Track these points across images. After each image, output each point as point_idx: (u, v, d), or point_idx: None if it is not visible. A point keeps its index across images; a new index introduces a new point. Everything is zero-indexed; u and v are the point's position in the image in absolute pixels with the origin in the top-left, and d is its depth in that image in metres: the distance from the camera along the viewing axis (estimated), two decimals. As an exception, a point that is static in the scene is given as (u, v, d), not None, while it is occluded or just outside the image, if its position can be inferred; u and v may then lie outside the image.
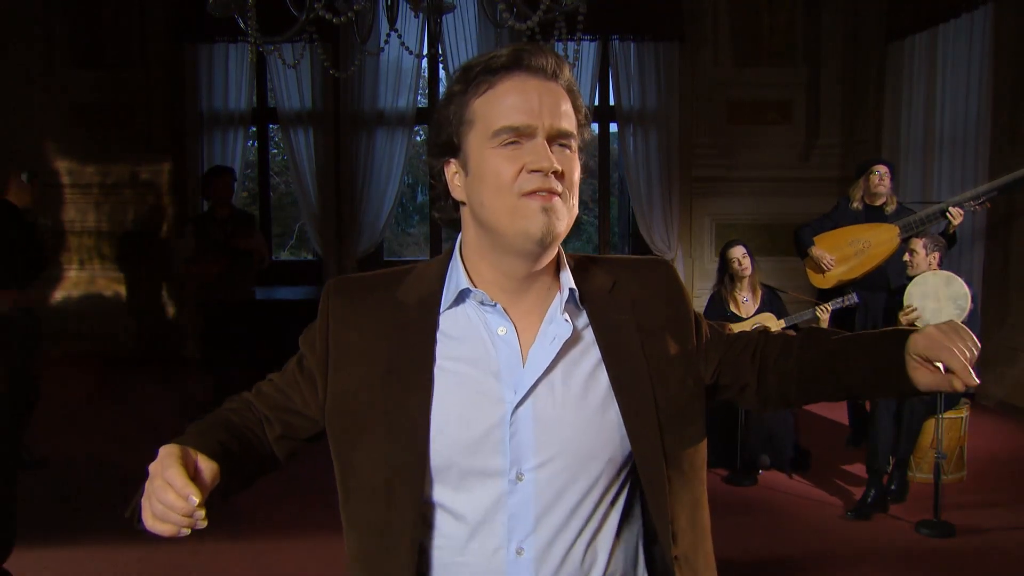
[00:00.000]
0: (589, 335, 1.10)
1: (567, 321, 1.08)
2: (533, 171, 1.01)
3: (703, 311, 4.68)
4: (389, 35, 4.12)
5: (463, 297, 1.10)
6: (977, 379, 0.95)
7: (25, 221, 4.12)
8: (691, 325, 1.17)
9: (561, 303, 1.09)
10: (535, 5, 3.34)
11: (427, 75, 7.51)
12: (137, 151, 7.12)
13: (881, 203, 4.64)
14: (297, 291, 6.75)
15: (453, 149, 1.08)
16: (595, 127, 7.61)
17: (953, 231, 4.39)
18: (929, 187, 6.05)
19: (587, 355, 1.09)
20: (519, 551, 1.04)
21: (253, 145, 7.76)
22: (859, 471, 4.21)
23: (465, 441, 1.04)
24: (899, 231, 4.49)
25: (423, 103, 7.43)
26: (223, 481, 1.00)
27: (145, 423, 4.99)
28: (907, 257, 4.07)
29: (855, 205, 4.69)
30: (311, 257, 8.03)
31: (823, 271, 4.64)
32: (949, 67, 5.91)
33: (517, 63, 1.04)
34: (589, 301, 1.12)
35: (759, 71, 7.22)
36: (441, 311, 1.10)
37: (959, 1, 5.66)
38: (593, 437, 1.06)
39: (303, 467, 1.12)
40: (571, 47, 5.38)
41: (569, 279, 1.11)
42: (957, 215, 4.33)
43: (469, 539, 1.05)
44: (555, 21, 3.58)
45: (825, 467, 4.36)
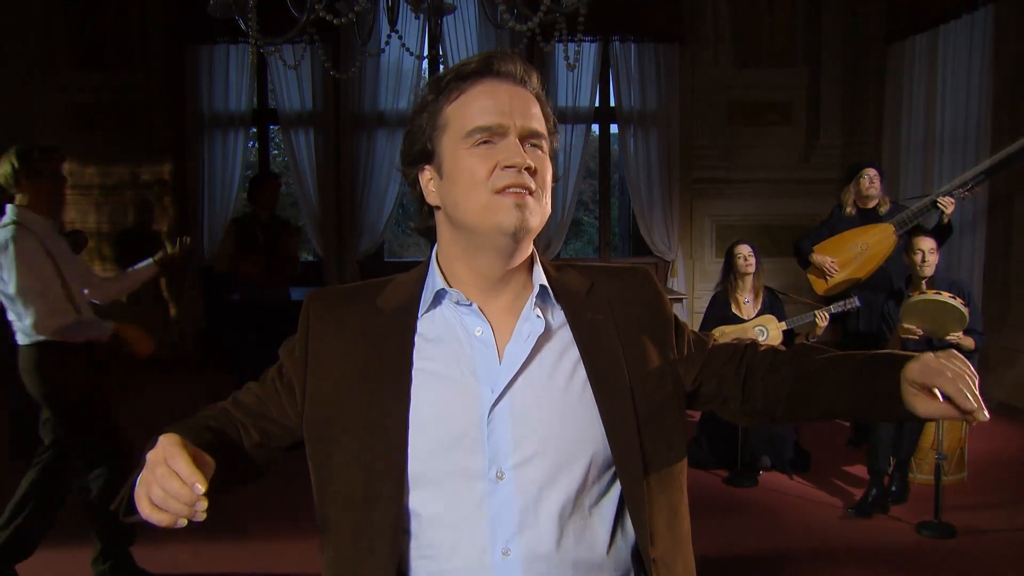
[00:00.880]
0: (567, 333, 1.11)
1: (539, 317, 1.09)
2: (507, 167, 1.03)
3: (704, 311, 4.67)
4: (390, 36, 4.13)
5: (440, 299, 1.11)
6: (987, 413, 0.91)
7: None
8: (671, 330, 1.18)
9: (533, 299, 1.10)
10: (535, 6, 3.33)
11: (428, 76, 7.52)
12: (138, 152, 7.12)
13: (874, 205, 4.65)
14: (297, 291, 6.73)
15: (427, 155, 1.10)
16: (595, 128, 7.61)
17: (948, 220, 4.39)
18: (930, 188, 6.03)
19: (566, 353, 1.10)
20: (505, 552, 1.04)
21: (253, 146, 7.76)
22: (860, 472, 4.21)
23: (443, 440, 1.04)
24: (894, 228, 4.50)
25: (423, 104, 7.43)
26: (217, 477, 0.99)
27: (145, 423, 4.97)
28: (917, 258, 3.92)
29: (848, 210, 4.70)
30: (311, 258, 8.03)
31: (827, 277, 4.64)
32: (949, 68, 5.91)
33: (487, 69, 1.07)
34: (565, 300, 1.13)
35: (759, 72, 7.22)
36: (419, 316, 1.11)
37: (959, 2, 5.67)
38: (573, 434, 1.06)
39: (303, 467, 1.12)
40: (571, 48, 5.37)
41: (541, 276, 1.12)
42: (948, 204, 4.34)
43: (454, 544, 1.05)
44: (556, 22, 3.57)
45: (826, 468, 4.35)
